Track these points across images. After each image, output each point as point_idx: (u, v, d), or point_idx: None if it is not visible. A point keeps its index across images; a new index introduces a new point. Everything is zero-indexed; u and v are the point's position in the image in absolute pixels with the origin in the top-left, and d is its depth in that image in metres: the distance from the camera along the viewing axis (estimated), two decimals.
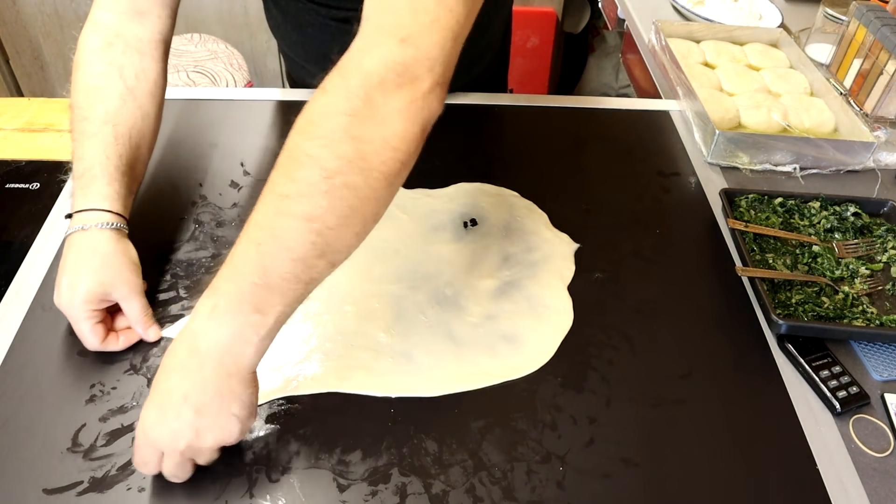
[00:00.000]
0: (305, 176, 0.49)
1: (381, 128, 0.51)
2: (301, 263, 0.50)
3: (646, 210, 0.85)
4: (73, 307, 0.63)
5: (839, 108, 0.99)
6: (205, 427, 0.52)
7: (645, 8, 1.38)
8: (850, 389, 0.64)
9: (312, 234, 0.49)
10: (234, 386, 0.52)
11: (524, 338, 0.68)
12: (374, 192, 0.51)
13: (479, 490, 0.56)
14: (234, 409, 0.52)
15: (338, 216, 0.50)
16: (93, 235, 0.64)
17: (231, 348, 0.51)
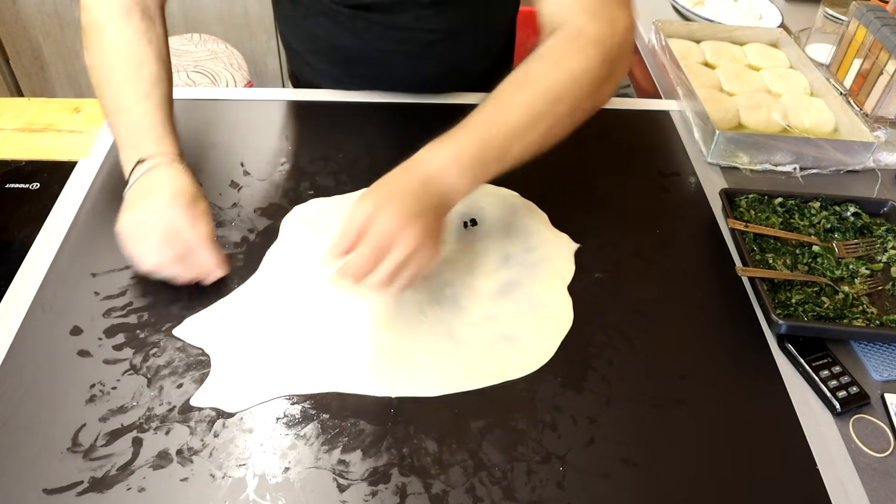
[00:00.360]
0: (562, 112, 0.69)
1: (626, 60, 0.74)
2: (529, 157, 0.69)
3: (646, 210, 0.85)
4: (196, 202, 0.69)
5: (839, 108, 0.99)
6: (425, 244, 0.63)
7: (645, 8, 1.38)
8: (850, 389, 0.64)
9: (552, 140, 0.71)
10: (441, 224, 0.66)
11: (524, 338, 0.68)
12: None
13: (479, 490, 0.56)
14: (439, 233, 0.65)
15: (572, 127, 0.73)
16: (177, 167, 0.71)
17: (454, 194, 0.66)
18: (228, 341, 0.66)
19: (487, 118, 0.67)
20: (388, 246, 0.61)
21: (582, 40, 0.70)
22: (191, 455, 0.58)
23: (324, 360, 0.66)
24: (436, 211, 0.64)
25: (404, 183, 0.64)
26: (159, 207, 0.67)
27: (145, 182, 0.69)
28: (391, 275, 0.62)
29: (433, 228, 0.64)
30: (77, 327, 0.67)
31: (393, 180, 0.65)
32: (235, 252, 0.76)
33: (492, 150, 0.66)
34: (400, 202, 0.62)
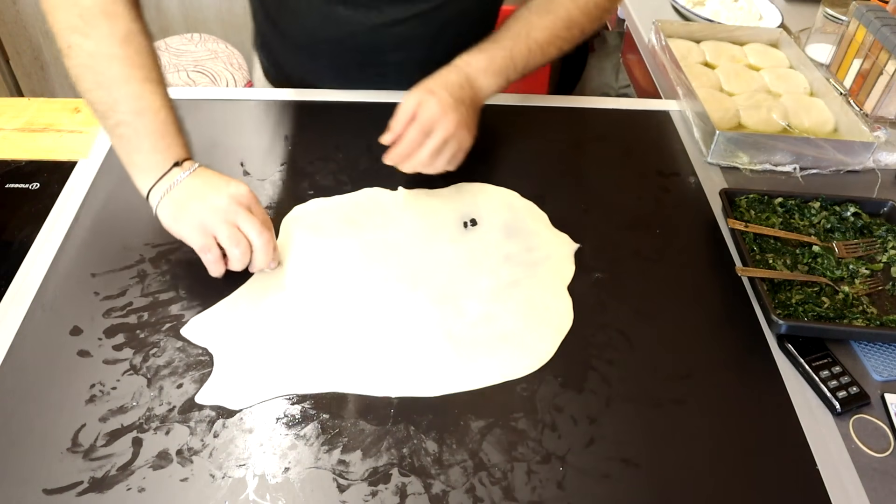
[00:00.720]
0: (573, 34, 0.86)
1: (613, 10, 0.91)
2: (542, 65, 0.86)
3: (646, 210, 0.85)
4: (249, 192, 0.70)
5: (839, 108, 0.99)
6: (468, 126, 0.79)
7: (645, 8, 1.38)
8: (850, 389, 0.64)
9: (559, 53, 0.86)
10: (478, 109, 0.83)
11: (524, 338, 0.68)
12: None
13: (479, 490, 0.56)
14: (476, 120, 0.81)
15: (573, 45, 0.87)
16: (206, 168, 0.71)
17: (486, 91, 0.83)
18: (231, 340, 0.66)
19: (516, 35, 0.83)
20: (432, 128, 0.75)
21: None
22: (191, 455, 0.58)
23: (324, 360, 0.66)
24: (472, 103, 0.80)
25: (448, 80, 0.79)
26: (235, 195, 0.68)
27: (200, 178, 0.69)
28: (433, 153, 0.76)
29: (469, 117, 0.79)
30: (77, 327, 0.67)
31: (439, 77, 0.79)
32: None
33: (516, 61, 0.83)
34: (443, 94, 0.76)
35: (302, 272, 0.74)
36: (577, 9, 0.85)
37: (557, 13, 0.84)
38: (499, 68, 0.82)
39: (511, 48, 0.82)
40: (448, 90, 0.77)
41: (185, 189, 0.69)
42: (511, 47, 0.82)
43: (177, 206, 0.68)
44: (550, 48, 0.85)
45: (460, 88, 0.79)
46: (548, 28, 0.84)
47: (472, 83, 0.80)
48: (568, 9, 0.85)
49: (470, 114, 0.79)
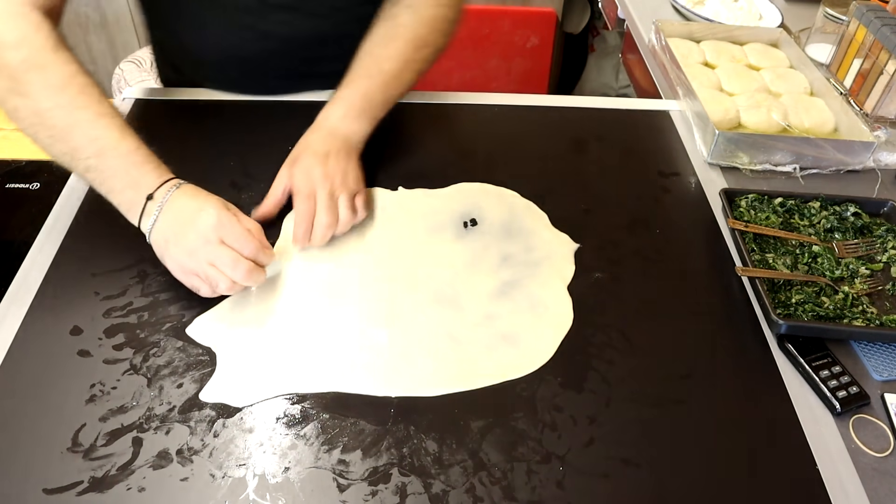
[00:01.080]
0: (426, 53, 0.86)
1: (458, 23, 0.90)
2: (406, 92, 0.87)
3: (646, 210, 0.85)
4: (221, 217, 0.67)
5: (839, 108, 0.99)
6: (344, 173, 0.77)
7: (645, 8, 1.38)
8: (850, 389, 0.64)
9: (417, 77, 0.87)
10: (355, 154, 0.81)
11: (524, 338, 0.68)
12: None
13: (479, 490, 0.56)
14: (356, 166, 0.80)
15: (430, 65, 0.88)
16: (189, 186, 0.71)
17: (355, 136, 0.81)
18: (233, 339, 0.67)
19: (367, 73, 0.83)
20: (313, 191, 0.74)
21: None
22: (191, 455, 0.58)
23: (324, 360, 0.66)
24: (341, 151, 0.79)
25: (308, 142, 0.80)
26: (204, 231, 0.66)
27: (172, 212, 0.68)
28: (328, 210, 0.74)
29: (342, 162, 0.78)
30: (77, 327, 0.67)
31: (299, 144, 0.80)
32: None
33: (374, 99, 0.82)
34: (306, 159, 0.77)
35: (302, 272, 0.74)
36: (422, 27, 0.84)
37: (404, 37, 0.84)
38: (358, 111, 0.81)
39: (366, 88, 0.82)
40: (310, 152, 0.77)
41: (162, 227, 0.68)
42: (365, 87, 0.82)
43: (161, 247, 0.69)
44: (406, 74, 0.84)
45: (322, 143, 0.78)
46: (397, 56, 0.83)
47: (333, 134, 0.80)
48: (413, 30, 0.84)
49: (342, 160, 0.78)
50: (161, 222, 0.68)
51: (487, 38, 2.03)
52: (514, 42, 2.05)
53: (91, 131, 0.68)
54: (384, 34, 0.84)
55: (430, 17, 0.85)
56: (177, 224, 0.67)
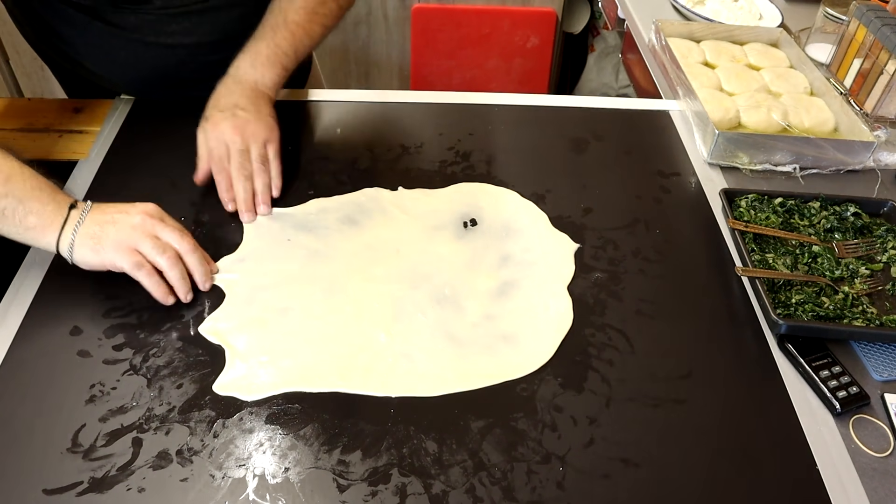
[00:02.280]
0: (331, 6, 0.90)
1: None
2: (315, 46, 0.91)
3: (646, 210, 0.85)
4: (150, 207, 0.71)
5: (839, 108, 0.99)
6: (253, 118, 0.80)
7: (645, 8, 1.38)
8: (850, 389, 0.64)
9: (326, 30, 0.91)
10: (264, 101, 0.84)
11: (524, 338, 0.68)
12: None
13: (479, 490, 0.56)
14: (267, 112, 0.83)
15: (337, 19, 0.92)
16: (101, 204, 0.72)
17: (263, 83, 0.84)
18: (241, 337, 0.67)
19: (274, 25, 0.86)
20: (225, 153, 0.79)
21: None
22: (191, 455, 0.58)
23: (324, 360, 0.66)
24: (251, 97, 0.82)
25: (216, 96, 0.83)
26: (136, 213, 0.69)
27: (99, 212, 0.69)
28: (240, 166, 0.79)
29: (253, 110, 0.81)
30: (77, 327, 0.67)
31: (211, 97, 0.83)
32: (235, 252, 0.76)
33: (283, 47, 0.85)
34: (212, 116, 0.80)
35: (303, 272, 0.74)
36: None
37: (312, 6, 0.88)
38: (265, 59, 0.85)
39: (272, 37, 0.85)
40: (218, 107, 0.81)
41: (92, 223, 0.68)
42: (272, 37, 0.85)
43: (92, 239, 0.67)
44: (313, 26, 0.88)
45: (229, 94, 0.82)
46: (301, 8, 0.87)
47: (240, 82, 0.83)
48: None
49: (251, 108, 0.81)
50: (92, 218, 0.68)
51: (487, 38, 2.03)
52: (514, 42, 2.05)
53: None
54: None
55: None
56: (112, 212, 0.69)
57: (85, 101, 0.98)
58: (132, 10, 0.86)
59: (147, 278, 0.67)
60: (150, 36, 0.89)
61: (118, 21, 0.87)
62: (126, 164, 0.87)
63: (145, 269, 0.67)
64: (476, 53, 2.05)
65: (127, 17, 0.87)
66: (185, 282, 0.69)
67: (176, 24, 0.89)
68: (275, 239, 0.77)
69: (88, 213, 0.69)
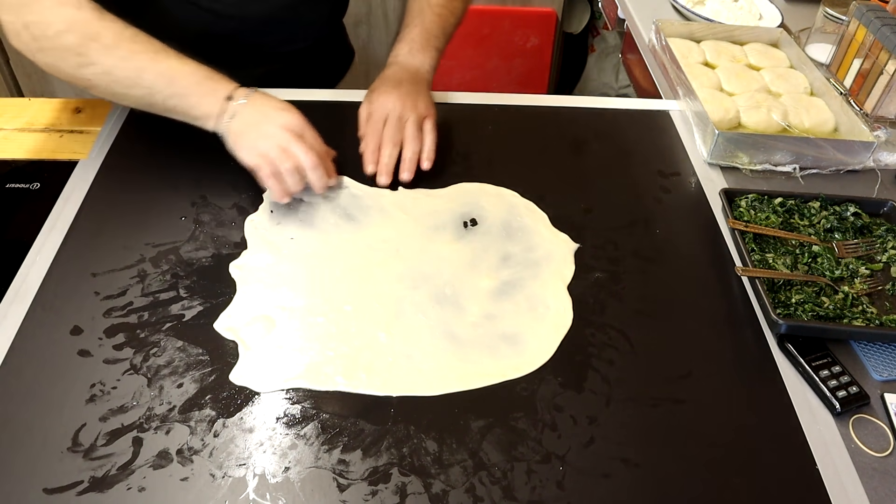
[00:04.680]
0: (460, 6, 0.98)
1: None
2: (457, 26, 0.98)
3: (646, 210, 0.85)
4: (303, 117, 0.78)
5: (839, 108, 0.99)
6: (415, 93, 0.88)
7: (645, 8, 1.38)
8: (850, 389, 0.64)
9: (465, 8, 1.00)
10: (424, 84, 0.91)
11: (524, 337, 0.68)
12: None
13: (479, 490, 0.56)
14: (427, 93, 0.90)
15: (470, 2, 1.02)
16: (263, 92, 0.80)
17: (423, 68, 0.92)
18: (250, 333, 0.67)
19: (419, 11, 0.94)
20: (383, 115, 0.85)
21: None
22: (191, 455, 0.58)
23: (324, 360, 0.66)
24: (412, 81, 0.89)
25: (383, 77, 0.90)
26: (287, 123, 0.76)
27: (256, 105, 0.77)
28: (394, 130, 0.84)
29: (414, 90, 0.88)
30: (77, 327, 0.67)
31: (377, 80, 0.90)
32: (235, 252, 0.76)
33: (432, 30, 0.93)
34: (380, 88, 0.88)
35: (304, 272, 0.74)
36: None
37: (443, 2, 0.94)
38: (420, 44, 0.92)
39: (420, 24, 0.93)
40: (384, 82, 0.88)
41: (242, 120, 0.76)
42: (419, 23, 0.93)
43: (236, 135, 0.76)
44: (455, 4, 0.96)
45: (394, 75, 0.89)
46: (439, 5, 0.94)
47: (403, 67, 0.90)
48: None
49: (414, 88, 0.88)
50: (242, 115, 0.76)
51: (487, 38, 2.03)
52: (514, 42, 2.05)
53: (156, 66, 0.76)
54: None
55: None
56: (258, 115, 0.76)
57: (85, 101, 0.98)
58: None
59: (268, 179, 0.76)
60: (204, 2, 0.91)
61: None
62: (126, 164, 0.87)
63: (266, 170, 0.75)
64: (476, 53, 2.05)
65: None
66: (297, 187, 0.77)
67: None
68: (278, 238, 0.77)
69: (240, 108, 0.76)
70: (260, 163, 0.75)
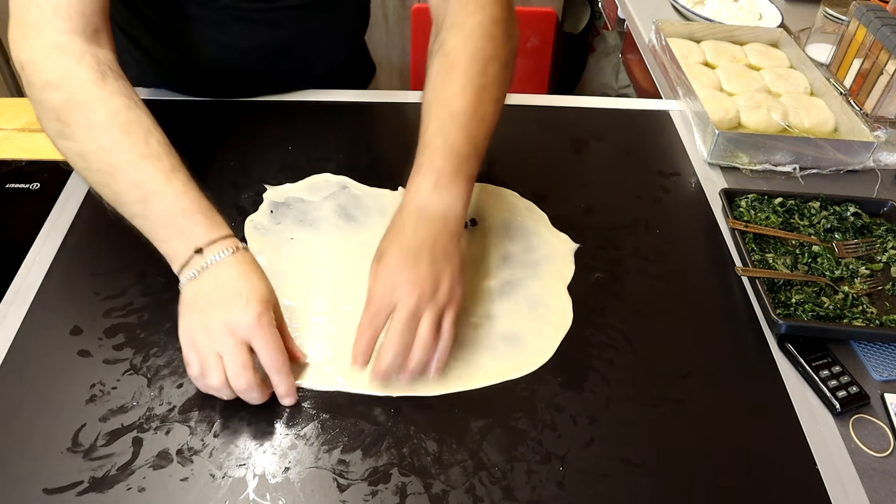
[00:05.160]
0: (493, 70, 0.71)
1: (515, 28, 0.77)
2: (492, 131, 0.72)
3: (646, 210, 0.85)
4: (262, 318, 0.58)
5: (839, 108, 0.99)
6: (438, 278, 0.61)
7: (645, 8, 1.38)
8: (850, 389, 0.64)
9: (499, 110, 0.72)
10: (453, 248, 0.64)
11: (524, 338, 0.68)
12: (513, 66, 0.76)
13: (479, 490, 0.56)
14: (457, 263, 0.64)
15: (506, 91, 0.74)
16: (244, 255, 0.62)
17: (454, 213, 0.65)
18: None
19: (439, 123, 0.68)
20: (389, 304, 0.60)
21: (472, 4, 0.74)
22: (191, 455, 0.58)
23: (324, 360, 0.66)
24: (441, 240, 0.63)
25: (399, 228, 0.64)
26: (234, 323, 0.57)
27: (214, 279, 0.59)
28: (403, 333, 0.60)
29: (441, 260, 0.62)
30: (77, 327, 0.67)
31: (390, 229, 0.65)
32: None
33: (461, 149, 0.67)
34: (394, 254, 0.62)
35: (303, 272, 0.74)
36: (475, 41, 0.70)
37: (461, 64, 0.70)
38: (450, 175, 0.65)
39: (444, 141, 0.66)
40: (398, 248, 0.63)
41: (198, 287, 0.60)
42: (444, 141, 0.67)
43: (186, 304, 0.60)
44: (484, 106, 0.69)
45: (414, 232, 0.63)
46: (464, 89, 0.68)
47: (427, 215, 0.64)
48: (466, 51, 0.70)
49: (438, 257, 0.62)
50: (200, 281, 0.60)
51: None
52: None
53: (134, 175, 0.62)
54: (439, 70, 0.71)
55: (477, 27, 0.71)
56: (214, 294, 0.59)
57: None
58: (199, 3, 0.86)
59: (191, 378, 0.59)
60: (208, 31, 0.88)
61: (184, 5, 0.86)
62: None
63: (190, 370, 0.59)
64: None
65: (193, 8, 0.86)
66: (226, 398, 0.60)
67: (236, 26, 0.88)
68: (278, 238, 0.77)
69: (208, 269, 0.60)
70: (189, 358, 0.58)
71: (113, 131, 0.63)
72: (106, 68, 0.66)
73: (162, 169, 0.62)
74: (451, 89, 0.69)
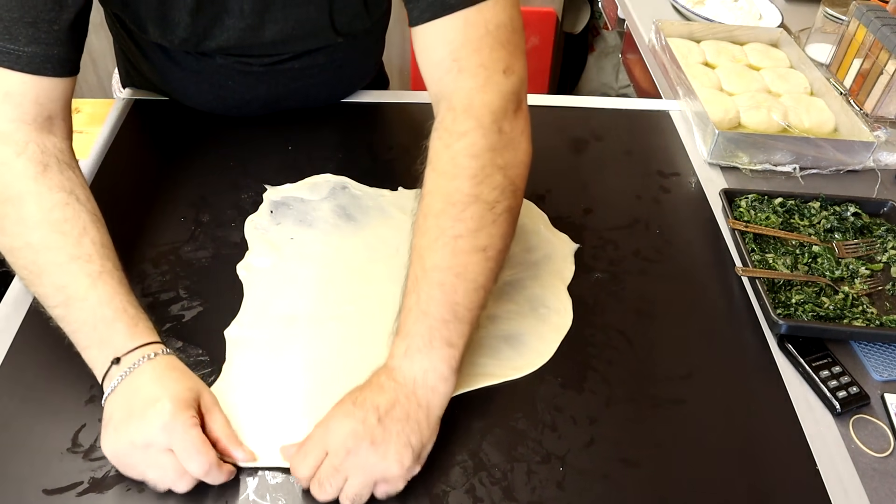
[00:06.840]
0: (472, 213, 0.59)
1: (515, 152, 0.65)
2: (483, 290, 0.60)
3: (646, 210, 0.85)
4: (175, 420, 0.53)
5: (839, 108, 0.99)
6: (381, 440, 0.53)
7: (645, 8, 1.38)
8: (850, 389, 0.64)
9: (490, 261, 0.59)
10: (421, 418, 0.56)
11: (524, 338, 0.68)
12: (519, 205, 0.63)
13: (479, 490, 0.56)
14: (412, 439, 0.55)
15: (504, 237, 0.61)
16: (163, 360, 0.58)
17: (425, 381, 0.57)
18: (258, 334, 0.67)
19: (413, 281, 0.60)
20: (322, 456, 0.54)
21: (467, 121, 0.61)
22: None
23: (325, 358, 0.66)
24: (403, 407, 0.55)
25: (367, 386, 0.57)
26: (149, 434, 0.53)
27: (128, 390, 0.56)
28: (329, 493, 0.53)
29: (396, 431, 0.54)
30: None
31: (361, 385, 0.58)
32: (235, 252, 0.76)
33: (435, 316, 0.58)
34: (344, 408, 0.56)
35: (303, 273, 0.74)
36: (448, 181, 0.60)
37: (432, 209, 0.60)
38: (422, 341, 0.57)
39: (417, 302, 0.58)
40: (354, 398, 0.56)
41: (116, 400, 0.56)
42: (416, 302, 0.59)
43: (106, 415, 0.56)
44: (464, 259, 0.59)
45: (377, 391, 0.56)
46: (436, 240, 0.59)
47: (397, 381, 0.57)
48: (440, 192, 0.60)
49: (392, 430, 0.54)
50: (116, 395, 0.56)
51: None
52: None
53: (58, 277, 0.58)
54: (419, 213, 0.62)
55: (449, 165, 0.61)
56: (128, 406, 0.55)
57: (85, 102, 0.98)
58: (195, 57, 0.85)
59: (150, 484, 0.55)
60: (206, 80, 0.88)
61: (181, 59, 0.85)
62: (126, 164, 0.87)
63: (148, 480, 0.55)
64: None
65: (190, 60, 0.86)
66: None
67: (236, 79, 0.87)
68: (278, 238, 0.77)
69: (123, 382, 0.56)
70: (133, 476, 0.55)
71: (43, 229, 0.59)
72: (51, 159, 0.62)
73: (89, 273, 0.59)
74: (425, 240, 0.60)
